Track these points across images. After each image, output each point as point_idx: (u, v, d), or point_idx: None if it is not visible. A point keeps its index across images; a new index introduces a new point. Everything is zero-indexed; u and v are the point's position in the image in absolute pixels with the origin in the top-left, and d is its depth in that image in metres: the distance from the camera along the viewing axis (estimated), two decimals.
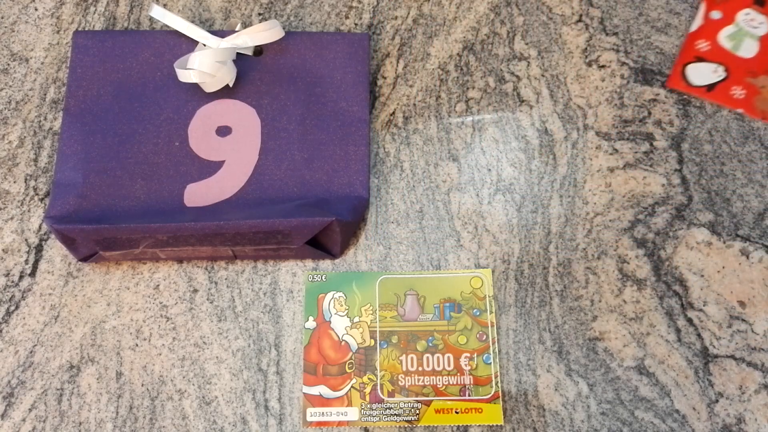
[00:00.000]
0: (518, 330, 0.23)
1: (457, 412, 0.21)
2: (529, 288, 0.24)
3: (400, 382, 0.21)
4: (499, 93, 0.27)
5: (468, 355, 0.22)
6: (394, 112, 0.27)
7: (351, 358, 0.22)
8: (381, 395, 0.21)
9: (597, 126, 0.26)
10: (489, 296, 0.23)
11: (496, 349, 0.22)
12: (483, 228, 0.25)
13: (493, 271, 0.24)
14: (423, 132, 0.26)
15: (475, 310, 0.23)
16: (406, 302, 0.22)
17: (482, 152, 0.26)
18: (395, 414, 0.21)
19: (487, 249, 0.24)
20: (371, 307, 0.22)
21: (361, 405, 0.21)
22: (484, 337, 0.22)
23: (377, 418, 0.21)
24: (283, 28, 0.26)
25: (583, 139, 0.26)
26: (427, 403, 0.21)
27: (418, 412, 0.21)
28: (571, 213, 0.25)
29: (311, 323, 0.23)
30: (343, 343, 0.22)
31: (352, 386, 0.21)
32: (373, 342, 0.22)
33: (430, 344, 0.22)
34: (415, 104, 0.27)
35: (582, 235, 0.24)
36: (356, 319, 0.22)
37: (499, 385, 0.22)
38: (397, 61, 0.27)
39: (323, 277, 0.23)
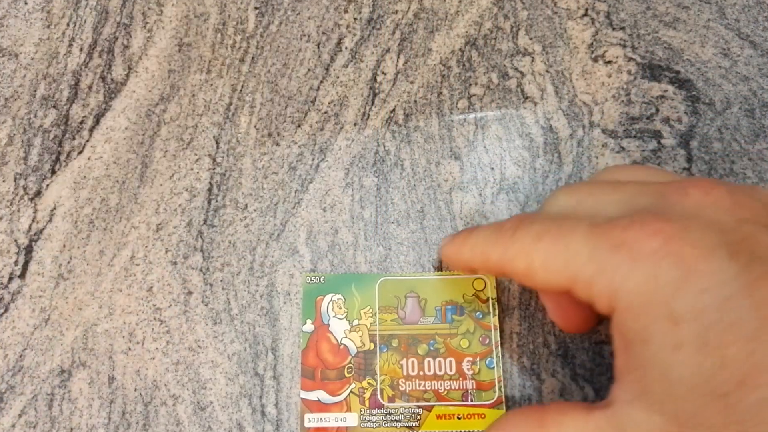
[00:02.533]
0: (522, 333, 0.23)
1: (459, 418, 0.21)
2: (533, 291, 0.23)
3: (400, 387, 0.21)
4: (503, 89, 0.26)
5: (470, 359, 0.21)
6: (394, 109, 0.26)
7: (350, 363, 0.21)
8: (381, 400, 0.21)
9: (603, 123, 0.26)
10: (492, 299, 0.22)
11: (500, 353, 0.22)
12: None
13: None
14: (424, 129, 0.26)
15: (477, 313, 0.22)
16: (406, 305, 0.22)
17: (485, 150, 0.26)
18: (396, 420, 0.21)
19: None
20: (371, 310, 0.22)
21: (361, 410, 0.21)
22: (487, 340, 0.22)
23: (377, 424, 0.21)
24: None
25: (588, 137, 0.26)
26: (429, 409, 0.21)
27: (419, 417, 0.21)
28: None
29: (309, 326, 0.22)
30: (341, 346, 0.21)
31: (351, 391, 0.21)
32: (372, 346, 0.21)
33: (432, 348, 0.21)
34: (416, 101, 0.26)
35: None
36: (355, 322, 0.22)
37: (503, 389, 0.21)
38: (398, 57, 0.27)
39: (321, 279, 0.23)
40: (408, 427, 0.21)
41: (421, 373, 0.21)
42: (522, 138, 0.26)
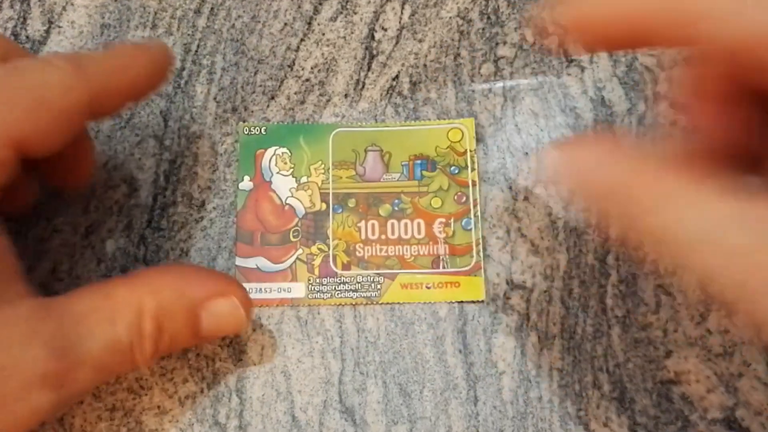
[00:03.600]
0: (564, 370, 0.21)
1: (428, 287, 0.21)
2: (580, 313, 0.22)
3: (357, 253, 0.21)
4: (540, 50, 0.25)
5: (443, 220, 0.22)
6: (397, 76, 0.24)
7: (296, 225, 0.21)
8: (334, 268, 0.21)
9: (672, 95, 0.24)
10: (470, 150, 0.22)
11: (478, 213, 0.22)
12: (517, 232, 0.23)
13: (531, 291, 0.22)
14: (437, 103, 0.24)
15: (452, 168, 0.22)
16: (366, 159, 0.22)
17: (516, 130, 0.24)
18: (351, 289, 0.21)
19: (524, 261, 0.22)
20: (323, 166, 0.22)
21: (309, 279, 0.21)
22: (464, 198, 0.22)
23: (329, 294, 0.21)
24: None
25: (653, 113, 0.24)
26: (392, 277, 0.21)
27: (380, 287, 0.21)
28: None
29: (247, 184, 0.22)
30: (286, 207, 0.22)
31: (297, 258, 0.21)
32: (324, 206, 0.21)
33: (396, 208, 0.22)
34: (426, 65, 0.24)
35: None
36: (304, 180, 0.22)
37: (481, 254, 0.21)
38: (402, 7, 0.25)
39: (262, 130, 0.22)
40: (366, 297, 0.21)
41: (383, 237, 0.21)
42: (565, 114, 0.24)
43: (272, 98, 0.24)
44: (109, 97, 0.16)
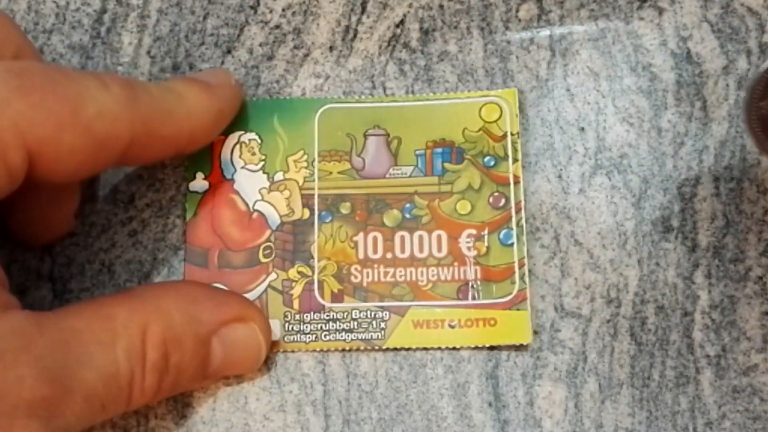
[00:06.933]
0: (636, 430, 0.19)
1: (452, 326, 0.19)
2: (657, 351, 0.20)
3: (353, 278, 0.20)
4: None
5: (473, 231, 0.20)
6: (403, 21, 0.22)
7: (269, 240, 0.20)
8: (320, 299, 0.20)
9: None
10: (512, 134, 0.20)
11: (522, 221, 0.20)
12: (570, 238, 0.21)
13: (589, 320, 0.19)
14: (457, 58, 0.22)
15: (486, 158, 0.20)
16: (366, 147, 0.20)
17: (569, 96, 0.22)
18: (344, 330, 0.19)
19: (579, 278, 0.20)
20: (305, 157, 0.20)
21: (286, 315, 0.19)
22: (502, 201, 0.20)
23: (312, 336, 0.19)
24: None
25: (758, 73, 0.21)
26: (401, 312, 0.19)
27: (384, 325, 0.19)
28: (735, 210, 0.21)
29: (200, 183, 0.20)
30: (254, 214, 0.20)
31: (270, 285, 0.20)
32: (307, 213, 0.20)
33: (408, 215, 0.20)
34: (442, 6, 0.22)
35: (756, 252, 0.21)
36: (279, 177, 0.20)
37: (527, 279, 0.20)
38: None
39: None
40: (365, 340, 0.19)
41: (389, 255, 0.20)
42: (636, 74, 0.22)
43: (228, 52, 0.22)
44: (152, 143, 0.17)
